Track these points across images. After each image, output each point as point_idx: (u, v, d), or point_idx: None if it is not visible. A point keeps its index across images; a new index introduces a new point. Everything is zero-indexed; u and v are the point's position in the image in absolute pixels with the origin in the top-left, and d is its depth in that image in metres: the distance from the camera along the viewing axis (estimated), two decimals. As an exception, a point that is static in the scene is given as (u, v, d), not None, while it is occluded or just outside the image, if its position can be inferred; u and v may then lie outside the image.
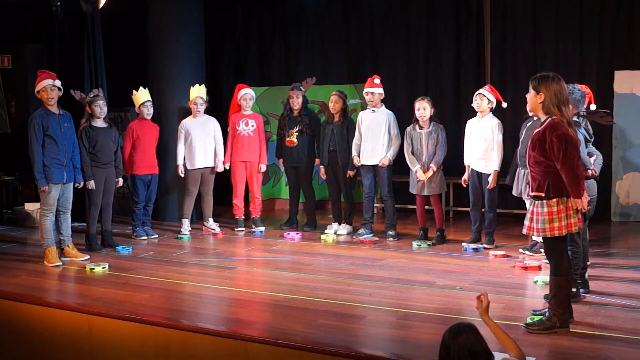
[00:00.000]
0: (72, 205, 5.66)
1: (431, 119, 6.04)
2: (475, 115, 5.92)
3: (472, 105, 5.86)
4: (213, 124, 6.85)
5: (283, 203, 8.22)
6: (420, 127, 6.06)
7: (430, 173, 6.02)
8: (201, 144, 6.71)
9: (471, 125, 5.93)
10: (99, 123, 6.01)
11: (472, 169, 5.88)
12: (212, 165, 6.81)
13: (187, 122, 6.80)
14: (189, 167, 6.73)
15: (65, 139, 5.48)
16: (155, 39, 7.39)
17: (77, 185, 5.70)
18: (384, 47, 8.03)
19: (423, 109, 5.99)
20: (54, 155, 5.41)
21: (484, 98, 5.75)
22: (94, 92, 6.21)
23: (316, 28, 8.40)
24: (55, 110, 5.49)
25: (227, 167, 6.89)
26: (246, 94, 6.90)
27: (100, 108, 5.94)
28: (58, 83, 5.48)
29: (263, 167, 6.99)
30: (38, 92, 5.45)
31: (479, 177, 5.83)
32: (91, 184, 5.90)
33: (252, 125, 6.90)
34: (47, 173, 5.36)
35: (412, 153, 6.10)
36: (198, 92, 6.78)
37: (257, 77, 8.63)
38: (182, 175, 6.74)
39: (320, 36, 8.34)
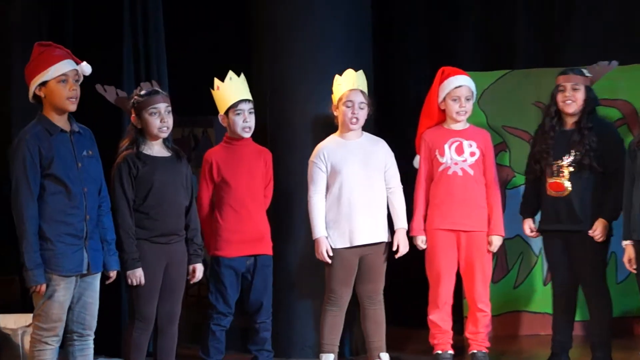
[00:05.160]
0: (97, 322, 5.30)
1: None
2: None
3: None
4: (384, 152, 6.41)
5: (540, 322, 7.55)
6: None
7: None
8: (363, 194, 6.24)
9: None
10: (156, 149, 5.63)
11: None
12: (384, 240, 6.25)
13: (329, 148, 6.33)
14: (335, 245, 6.25)
15: (85, 181, 5.09)
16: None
17: (108, 278, 5.32)
18: None
19: None
20: (62, 216, 4.98)
21: None
22: (145, 86, 5.86)
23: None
24: (64, 124, 5.04)
25: (422, 243, 6.34)
26: (460, 87, 6.37)
27: (162, 117, 5.59)
28: (87, 68, 5.17)
29: (496, 242, 6.38)
30: (43, 84, 5.01)
31: None
32: (137, 276, 5.49)
33: (472, 154, 6.35)
34: (48, 256, 4.96)
35: None
36: (354, 83, 6.26)
37: (479, 53, 8.17)
38: (328, 260, 6.26)
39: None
